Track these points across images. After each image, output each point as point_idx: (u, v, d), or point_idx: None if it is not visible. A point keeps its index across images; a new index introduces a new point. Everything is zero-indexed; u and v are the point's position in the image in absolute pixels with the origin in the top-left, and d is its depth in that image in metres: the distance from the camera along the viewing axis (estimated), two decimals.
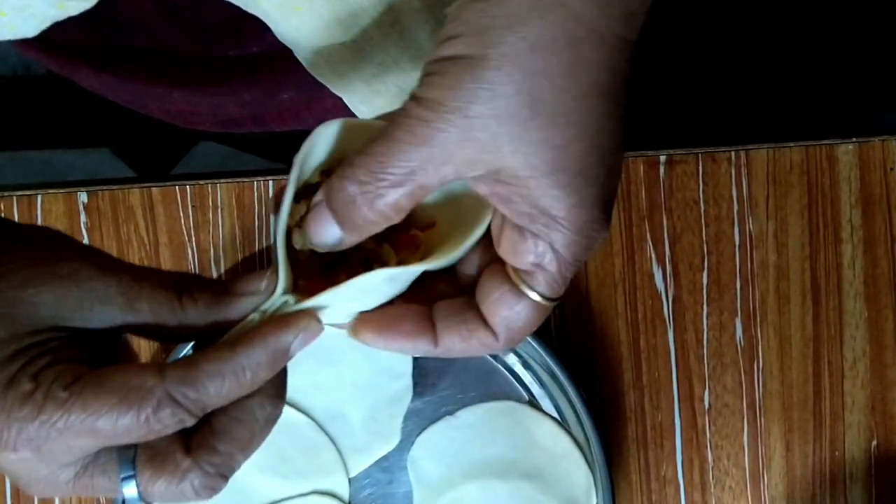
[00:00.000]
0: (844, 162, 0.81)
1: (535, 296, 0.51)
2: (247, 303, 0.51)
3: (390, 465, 0.81)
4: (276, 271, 0.51)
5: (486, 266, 0.53)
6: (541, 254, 0.50)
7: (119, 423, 0.47)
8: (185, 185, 0.82)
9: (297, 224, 0.52)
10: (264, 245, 0.82)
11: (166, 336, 0.51)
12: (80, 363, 0.49)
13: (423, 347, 0.53)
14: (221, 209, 0.82)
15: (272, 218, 0.53)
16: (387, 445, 0.81)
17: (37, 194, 0.82)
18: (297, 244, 0.52)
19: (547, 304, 0.51)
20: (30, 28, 0.60)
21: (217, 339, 0.51)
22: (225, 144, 1.10)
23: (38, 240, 0.51)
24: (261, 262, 0.82)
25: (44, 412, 0.47)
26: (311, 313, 0.51)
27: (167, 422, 0.48)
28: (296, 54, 0.65)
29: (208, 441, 0.50)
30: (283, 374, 0.52)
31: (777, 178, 0.81)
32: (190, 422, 0.49)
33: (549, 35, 0.46)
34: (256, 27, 0.67)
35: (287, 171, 0.82)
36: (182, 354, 0.78)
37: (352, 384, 0.81)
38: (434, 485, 0.81)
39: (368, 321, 0.53)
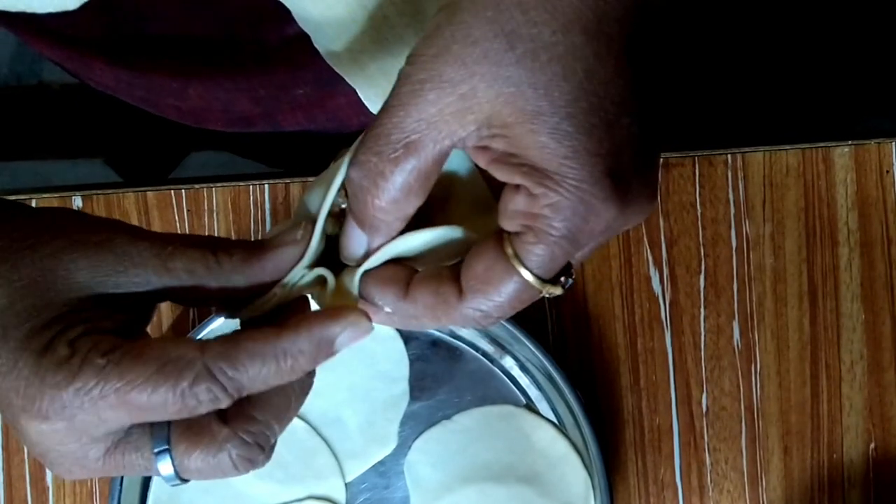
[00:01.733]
0: (841, 165, 0.81)
1: (516, 262, 0.48)
2: (283, 254, 0.50)
3: (387, 469, 0.81)
4: (310, 225, 0.50)
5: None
6: (531, 214, 0.47)
7: (154, 396, 0.46)
8: (181, 189, 0.82)
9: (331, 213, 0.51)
10: None
11: (204, 299, 0.50)
12: (116, 333, 0.48)
13: (391, 297, 0.50)
14: (217, 213, 0.82)
15: (307, 194, 0.52)
16: (383, 450, 0.81)
17: (31, 199, 0.82)
18: (329, 230, 0.51)
19: (528, 281, 0.48)
20: (72, 0, 0.59)
21: (255, 300, 0.50)
22: (223, 150, 1.10)
23: (62, 215, 0.50)
24: None
25: (79, 378, 0.45)
26: (363, 311, 0.50)
27: (202, 397, 0.46)
28: (315, 43, 0.65)
29: (245, 410, 0.49)
30: None
31: (773, 181, 0.81)
32: (224, 402, 0.47)
33: None
34: (275, 17, 0.67)
35: (286, 174, 0.82)
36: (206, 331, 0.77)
37: (348, 388, 0.81)
38: (431, 489, 0.80)
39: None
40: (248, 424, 0.48)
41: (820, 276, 0.81)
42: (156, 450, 0.48)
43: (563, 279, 0.49)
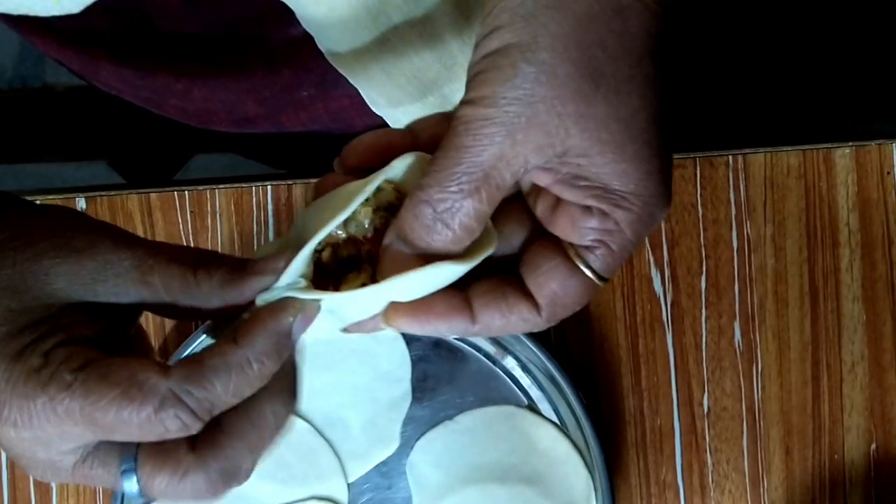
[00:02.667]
0: (841, 166, 0.81)
1: (589, 273, 0.50)
2: (262, 282, 0.50)
3: (389, 470, 0.81)
4: (294, 253, 0.50)
5: (531, 243, 0.52)
6: (606, 230, 0.49)
7: (118, 417, 0.46)
8: (184, 190, 0.82)
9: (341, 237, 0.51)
10: None
11: (180, 313, 0.50)
12: (94, 343, 0.48)
13: (461, 326, 0.51)
14: (220, 215, 0.82)
15: (307, 212, 0.52)
16: (386, 450, 0.81)
17: (35, 200, 0.82)
18: (325, 257, 0.51)
19: (598, 283, 0.51)
20: (74, 3, 0.59)
21: (231, 321, 0.50)
22: (228, 152, 1.10)
23: (53, 215, 0.50)
24: None
25: (47, 392, 0.46)
26: (307, 298, 0.49)
27: (170, 424, 0.46)
28: (318, 44, 0.65)
29: (215, 439, 0.48)
30: (294, 374, 0.50)
31: (774, 182, 0.81)
32: (195, 427, 0.47)
33: (595, 7, 0.46)
34: (279, 18, 0.67)
35: (288, 176, 0.82)
36: (198, 342, 0.77)
37: (351, 389, 0.81)
38: (433, 490, 0.80)
39: (400, 306, 0.51)
40: (217, 455, 0.48)
41: (821, 276, 0.81)
42: (122, 468, 0.48)
43: None
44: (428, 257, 0.50)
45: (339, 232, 0.51)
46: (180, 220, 0.82)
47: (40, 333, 0.47)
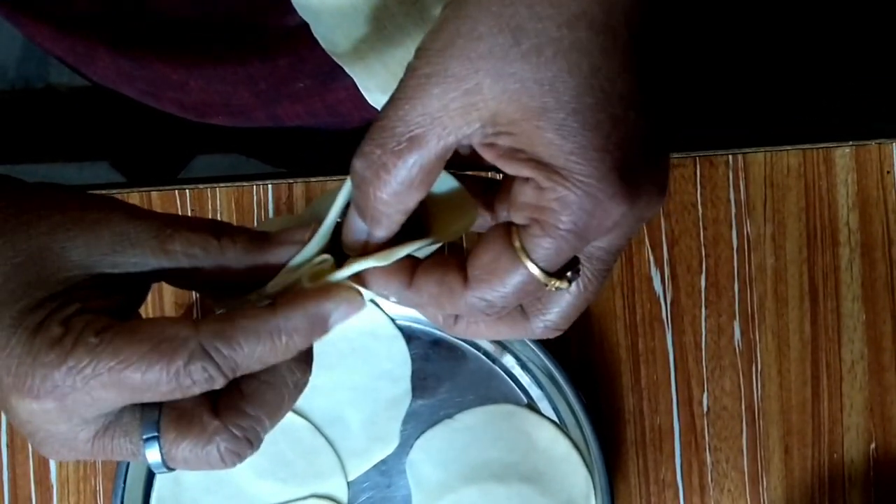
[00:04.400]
0: (841, 165, 0.81)
1: (522, 256, 0.48)
2: (287, 251, 0.50)
3: (389, 468, 0.81)
4: (317, 227, 0.50)
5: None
6: (539, 207, 0.47)
7: (148, 374, 0.45)
8: (185, 189, 0.82)
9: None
10: None
11: (201, 283, 0.50)
12: (110, 314, 0.47)
13: (395, 286, 0.50)
14: (221, 214, 0.82)
15: (317, 200, 0.52)
16: (385, 449, 0.81)
17: None
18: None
19: (533, 273, 0.48)
20: None
21: (250, 294, 0.50)
22: (229, 152, 1.10)
23: (58, 191, 0.50)
24: None
25: (72, 357, 0.45)
26: (356, 288, 0.50)
27: (197, 377, 0.46)
28: (314, 32, 0.65)
29: (237, 404, 0.48)
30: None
31: (774, 182, 0.81)
32: (219, 382, 0.47)
33: None
34: (276, 6, 0.67)
35: (289, 175, 0.82)
36: None
37: (350, 387, 0.81)
38: (433, 488, 0.80)
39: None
40: (239, 419, 0.48)
41: (821, 276, 0.81)
42: (145, 436, 0.48)
43: (569, 274, 0.49)
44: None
45: None
46: None
47: (58, 304, 0.47)
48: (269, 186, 0.82)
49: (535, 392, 0.80)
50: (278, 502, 0.81)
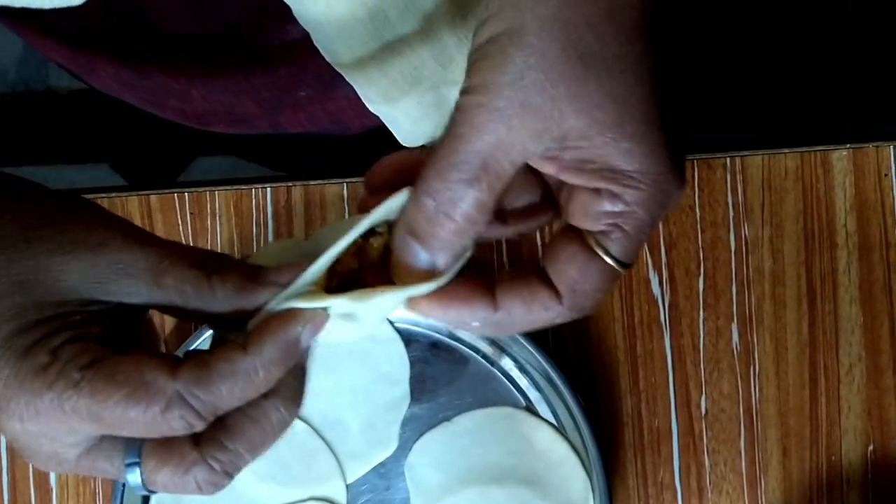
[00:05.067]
0: (839, 168, 0.81)
1: (608, 259, 0.50)
2: (276, 293, 0.50)
3: (388, 471, 0.81)
4: (306, 266, 0.50)
5: (556, 235, 0.52)
6: (618, 213, 0.49)
7: (125, 416, 0.46)
8: (184, 192, 0.83)
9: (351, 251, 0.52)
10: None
11: (190, 315, 0.50)
12: (101, 340, 0.48)
13: (482, 313, 0.51)
14: (219, 217, 0.83)
15: (321, 230, 0.52)
16: (384, 452, 0.81)
17: None
18: (340, 268, 0.52)
19: (619, 270, 0.50)
20: None
21: (238, 326, 0.50)
22: (228, 155, 1.11)
23: (69, 206, 0.50)
24: None
25: (53, 389, 0.46)
26: (317, 308, 0.50)
27: (175, 424, 0.47)
28: (315, 42, 0.65)
29: (218, 436, 0.49)
30: (301, 377, 0.51)
31: (772, 184, 0.81)
32: (199, 426, 0.47)
33: None
34: (277, 17, 0.67)
35: (288, 178, 0.83)
36: (199, 342, 0.78)
37: (349, 390, 0.81)
38: (432, 491, 0.81)
39: (430, 294, 0.51)
40: (218, 452, 0.49)
41: (818, 278, 0.81)
42: (127, 461, 0.49)
43: None
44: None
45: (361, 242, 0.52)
46: (180, 222, 0.82)
47: (50, 329, 0.47)
48: (268, 190, 0.83)
49: (533, 395, 0.81)
50: None
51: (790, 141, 0.82)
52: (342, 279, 0.52)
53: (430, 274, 0.51)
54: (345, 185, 0.82)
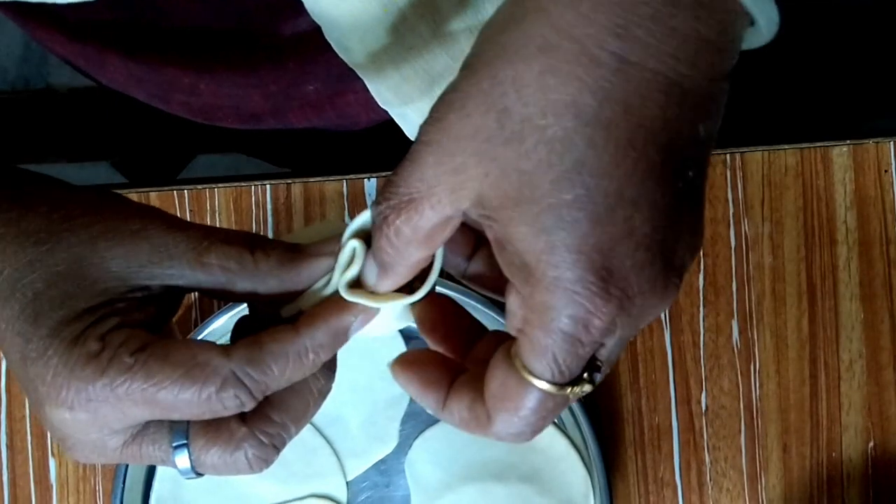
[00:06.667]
0: (839, 164, 0.81)
1: (527, 375, 0.44)
2: (319, 264, 0.50)
3: (388, 468, 0.81)
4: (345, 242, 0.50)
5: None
6: (523, 317, 0.43)
7: (180, 397, 0.47)
8: (183, 189, 0.83)
9: None
10: None
11: (233, 296, 0.50)
12: (146, 327, 0.48)
13: (431, 404, 0.49)
14: (219, 214, 0.83)
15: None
16: (384, 448, 0.81)
17: None
18: None
19: (548, 390, 0.44)
20: None
21: (280, 305, 0.51)
22: (228, 152, 1.11)
23: (105, 199, 0.51)
24: None
25: (107, 375, 0.46)
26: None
27: (228, 403, 0.47)
28: (327, 36, 0.65)
29: (264, 410, 0.50)
30: None
31: (772, 181, 0.81)
32: (250, 405, 0.48)
33: (520, 41, 0.42)
34: (288, 10, 0.66)
35: (288, 175, 0.82)
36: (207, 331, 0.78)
37: (350, 387, 0.81)
38: (432, 488, 0.81)
39: (401, 360, 0.50)
40: (266, 426, 0.49)
41: (819, 275, 0.81)
42: (174, 444, 0.49)
43: (586, 375, 0.45)
44: None
45: None
46: None
47: (98, 317, 0.47)
48: (268, 186, 0.83)
49: None
50: (277, 502, 0.81)
51: (790, 137, 0.82)
52: None
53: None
54: (344, 181, 0.82)
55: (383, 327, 0.53)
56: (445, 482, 0.80)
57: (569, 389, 0.44)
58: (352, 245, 0.50)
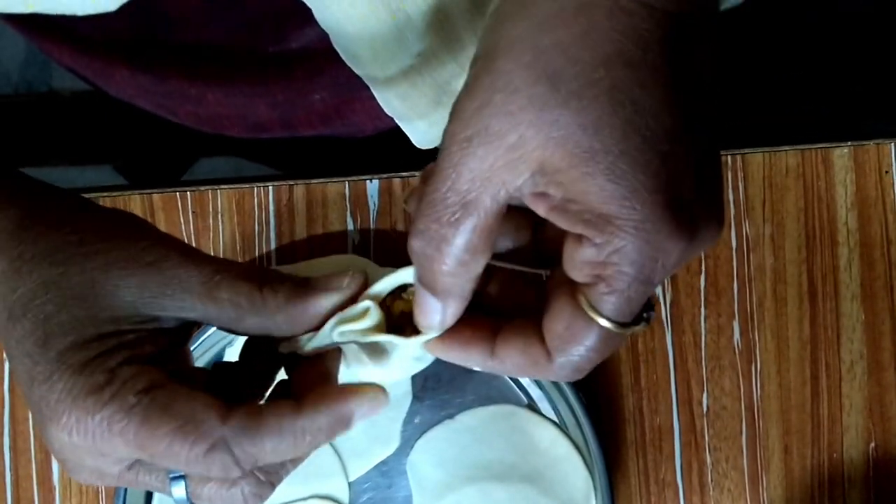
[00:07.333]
0: (840, 165, 0.82)
1: (595, 316, 0.46)
2: (328, 299, 0.50)
3: (390, 469, 0.81)
4: (358, 274, 0.51)
5: (556, 288, 0.48)
6: (599, 263, 0.44)
7: (169, 449, 0.47)
8: (186, 191, 0.83)
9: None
10: (264, 251, 0.83)
11: (242, 331, 0.51)
12: (155, 360, 0.48)
13: (478, 359, 0.50)
14: (221, 215, 0.83)
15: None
16: (386, 449, 0.81)
17: None
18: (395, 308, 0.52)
19: (611, 329, 0.46)
20: (111, 2, 0.60)
21: (287, 341, 0.51)
22: (234, 154, 1.11)
23: (123, 223, 0.51)
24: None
25: (107, 409, 0.47)
26: (380, 386, 0.51)
27: (213, 468, 0.48)
28: (335, 44, 0.65)
29: None
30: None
31: (773, 182, 0.82)
32: (235, 474, 0.48)
33: (553, 7, 0.43)
34: (297, 21, 0.66)
35: (291, 177, 0.83)
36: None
37: None
38: (433, 489, 0.81)
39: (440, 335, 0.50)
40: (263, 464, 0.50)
41: (820, 276, 0.81)
42: (171, 475, 0.50)
43: (644, 314, 0.47)
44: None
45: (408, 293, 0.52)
46: (182, 221, 0.83)
47: (107, 348, 0.48)
48: (270, 188, 0.83)
49: (535, 392, 0.81)
50: (279, 502, 0.81)
51: (791, 138, 0.82)
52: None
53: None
54: (346, 183, 0.82)
55: (398, 371, 0.52)
56: (447, 483, 0.81)
57: (627, 329, 0.46)
58: (368, 305, 0.50)
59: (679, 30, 0.44)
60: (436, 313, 0.49)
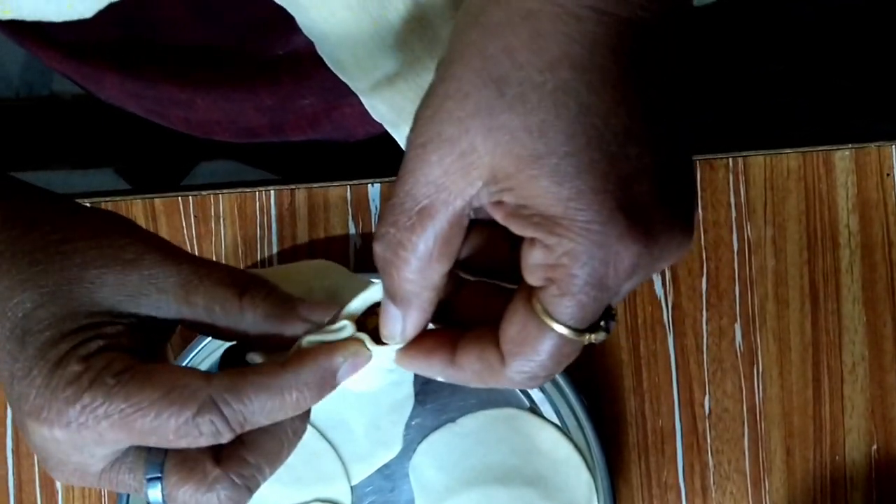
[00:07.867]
0: (841, 168, 0.82)
1: (548, 320, 0.45)
2: (305, 328, 0.50)
3: (392, 472, 0.81)
4: (337, 307, 0.51)
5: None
6: (549, 265, 0.44)
7: (156, 421, 0.47)
8: (188, 195, 0.83)
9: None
10: (266, 255, 0.83)
11: (218, 334, 0.51)
12: (135, 352, 0.48)
13: (439, 368, 0.50)
14: (223, 219, 0.83)
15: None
16: (389, 453, 0.81)
17: None
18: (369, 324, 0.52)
19: (565, 335, 0.45)
20: (87, 8, 0.59)
21: (264, 350, 0.51)
22: (233, 159, 1.11)
23: (103, 221, 0.51)
24: None
25: (87, 395, 0.46)
26: (361, 341, 0.50)
27: (204, 429, 0.47)
28: (319, 50, 0.65)
29: (238, 452, 0.49)
30: None
31: (774, 184, 0.82)
32: (226, 437, 0.48)
33: (502, 15, 0.44)
34: (283, 28, 0.67)
35: (292, 181, 0.83)
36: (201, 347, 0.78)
37: (354, 392, 0.81)
38: (436, 492, 0.81)
39: (403, 347, 0.51)
40: (241, 467, 0.49)
41: (821, 278, 0.81)
42: (148, 476, 0.49)
43: (603, 323, 0.47)
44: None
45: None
46: (184, 225, 0.83)
47: (82, 339, 0.48)
48: (272, 192, 0.83)
49: (537, 395, 0.81)
50: None
51: (792, 141, 0.82)
52: None
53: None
54: (348, 187, 0.82)
55: (371, 381, 0.53)
56: (450, 486, 0.81)
57: (586, 336, 0.46)
58: (345, 325, 0.50)
59: (634, 34, 0.44)
60: (397, 322, 0.49)
